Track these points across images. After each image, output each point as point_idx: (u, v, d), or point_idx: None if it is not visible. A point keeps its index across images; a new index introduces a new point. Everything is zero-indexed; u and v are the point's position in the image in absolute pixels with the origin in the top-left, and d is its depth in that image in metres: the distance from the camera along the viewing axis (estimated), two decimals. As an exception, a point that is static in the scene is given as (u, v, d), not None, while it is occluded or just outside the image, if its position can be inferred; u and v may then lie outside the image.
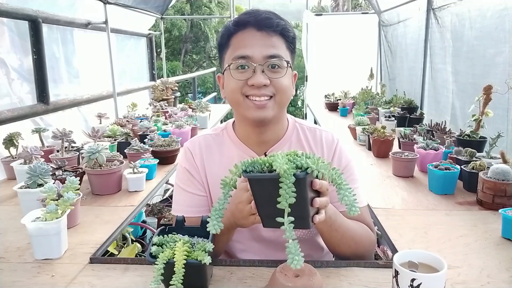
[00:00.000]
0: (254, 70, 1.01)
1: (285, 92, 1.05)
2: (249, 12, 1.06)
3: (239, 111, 1.08)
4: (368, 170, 2.01)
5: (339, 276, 0.99)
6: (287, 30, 1.05)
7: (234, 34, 1.05)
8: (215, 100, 6.92)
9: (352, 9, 17.06)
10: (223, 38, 1.07)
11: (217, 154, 1.16)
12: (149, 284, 0.80)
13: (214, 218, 0.80)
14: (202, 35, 15.31)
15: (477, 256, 1.10)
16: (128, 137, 2.31)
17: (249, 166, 0.81)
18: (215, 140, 1.18)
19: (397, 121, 2.87)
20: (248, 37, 1.03)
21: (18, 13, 2.35)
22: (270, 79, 1.02)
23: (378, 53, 5.16)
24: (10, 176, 1.89)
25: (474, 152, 1.75)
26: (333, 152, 1.15)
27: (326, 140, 1.16)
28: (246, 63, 1.01)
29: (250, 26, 1.03)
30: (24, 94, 2.51)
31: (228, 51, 1.06)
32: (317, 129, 1.19)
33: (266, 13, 1.04)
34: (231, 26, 1.05)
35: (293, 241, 0.73)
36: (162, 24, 5.41)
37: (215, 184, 1.14)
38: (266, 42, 1.02)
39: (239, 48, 1.03)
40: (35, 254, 1.11)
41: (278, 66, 1.03)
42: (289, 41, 1.06)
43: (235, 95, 1.04)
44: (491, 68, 2.33)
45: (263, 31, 1.02)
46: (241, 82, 1.02)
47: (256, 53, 1.01)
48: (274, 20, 1.03)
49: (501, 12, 2.22)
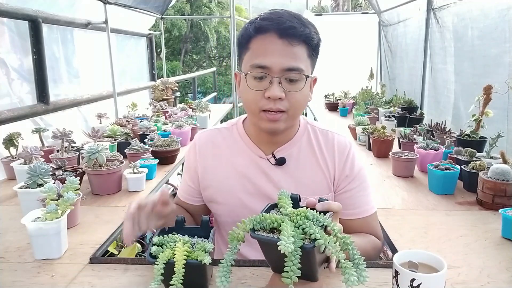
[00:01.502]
0: (271, 81, 0.98)
1: (299, 107, 1.04)
2: (272, 18, 0.99)
3: (252, 119, 1.08)
4: (368, 170, 2.01)
5: (339, 276, 0.99)
6: (311, 38, 1.00)
7: (253, 37, 1.01)
8: (215, 100, 6.92)
9: (352, 9, 17.06)
10: (243, 39, 1.04)
11: (224, 148, 1.16)
12: (149, 284, 0.80)
13: (222, 275, 0.79)
14: (202, 35, 15.30)
15: (477, 256, 1.10)
16: (128, 137, 2.31)
17: (257, 224, 0.81)
18: (225, 134, 1.18)
19: (397, 121, 2.87)
20: (268, 44, 0.98)
21: (18, 13, 2.35)
22: (286, 92, 0.99)
23: (378, 53, 5.16)
24: (10, 176, 1.89)
25: (474, 152, 1.75)
26: (345, 157, 1.13)
27: (338, 144, 1.14)
28: (264, 74, 0.99)
29: (271, 32, 0.98)
30: (24, 94, 2.51)
31: (247, 54, 1.03)
32: (329, 131, 1.17)
33: (290, 19, 0.98)
34: (251, 31, 1.01)
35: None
36: (162, 24, 5.41)
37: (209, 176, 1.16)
38: (287, 52, 0.98)
39: (258, 56, 0.99)
40: (35, 254, 1.11)
41: (297, 79, 1.00)
42: (312, 48, 1.02)
43: (252, 106, 1.03)
44: (492, 68, 2.33)
45: (284, 39, 0.98)
46: (258, 94, 1.00)
47: (275, 64, 0.97)
48: (298, 29, 0.97)
49: (502, 12, 2.22)
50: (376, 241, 1.13)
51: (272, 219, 0.81)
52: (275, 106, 0.99)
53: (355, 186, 1.13)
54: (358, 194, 1.13)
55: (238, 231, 0.82)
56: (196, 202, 1.23)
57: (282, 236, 0.74)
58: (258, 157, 1.13)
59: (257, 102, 1.01)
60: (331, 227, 0.80)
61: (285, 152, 1.13)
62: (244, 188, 1.13)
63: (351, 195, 1.13)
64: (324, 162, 1.13)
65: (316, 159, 1.13)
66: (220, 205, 1.17)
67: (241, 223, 0.82)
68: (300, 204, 0.91)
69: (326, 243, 0.76)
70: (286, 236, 0.73)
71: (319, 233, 0.76)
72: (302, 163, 1.13)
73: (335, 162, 1.13)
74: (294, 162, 1.12)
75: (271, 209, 0.90)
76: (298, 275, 0.73)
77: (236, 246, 0.82)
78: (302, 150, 1.13)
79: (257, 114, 1.03)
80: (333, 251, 0.75)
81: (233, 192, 1.14)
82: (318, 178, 1.13)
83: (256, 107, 1.01)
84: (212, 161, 1.16)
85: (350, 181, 1.13)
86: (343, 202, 0.97)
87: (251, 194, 1.13)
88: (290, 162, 1.12)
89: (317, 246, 0.76)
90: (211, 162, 1.16)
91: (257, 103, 1.01)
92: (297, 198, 0.91)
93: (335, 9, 19.18)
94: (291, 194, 0.91)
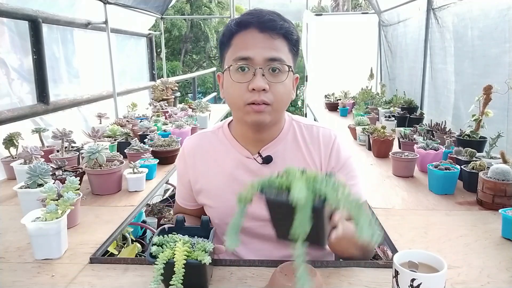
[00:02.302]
0: (254, 73, 0.99)
1: (283, 100, 1.04)
2: (252, 13, 1.04)
3: (237, 114, 1.08)
4: (368, 170, 2.01)
5: (339, 276, 0.99)
6: (290, 32, 1.03)
7: (235, 34, 1.03)
8: (215, 100, 6.92)
9: (352, 9, 17.06)
10: (224, 37, 1.06)
11: (211, 152, 1.17)
12: (149, 284, 0.80)
13: (231, 234, 0.77)
14: (202, 35, 15.31)
15: (477, 256, 1.10)
16: (128, 137, 2.31)
17: (266, 186, 0.79)
18: (211, 138, 1.19)
19: (397, 121, 2.87)
20: (249, 38, 1.01)
21: (18, 13, 2.35)
22: (270, 84, 1.00)
23: (378, 53, 5.16)
24: (10, 176, 1.89)
25: (474, 152, 1.75)
26: (330, 149, 1.13)
27: (323, 136, 1.14)
28: (247, 65, 1.00)
29: (252, 27, 1.01)
30: (24, 94, 2.51)
31: (229, 51, 1.04)
32: (314, 125, 1.17)
33: (270, 14, 1.02)
34: (233, 26, 1.03)
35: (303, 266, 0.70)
36: (162, 24, 5.41)
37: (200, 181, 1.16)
38: (268, 44, 1.00)
39: (241, 49, 1.01)
40: (35, 254, 1.11)
41: (279, 70, 1.01)
42: (292, 43, 1.04)
43: (236, 100, 1.03)
44: (492, 68, 2.33)
45: (265, 33, 1.00)
46: (242, 88, 1.00)
47: (257, 55, 0.99)
48: (277, 22, 1.00)
49: (502, 12, 2.22)
50: None
51: (281, 181, 0.79)
52: (259, 98, 0.99)
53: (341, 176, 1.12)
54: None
55: (247, 191, 0.79)
56: (194, 207, 1.25)
57: (293, 190, 0.71)
58: (245, 157, 1.13)
59: (241, 95, 1.01)
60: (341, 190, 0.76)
61: (271, 150, 1.12)
62: (234, 190, 1.12)
63: None
64: (310, 157, 1.13)
65: (302, 155, 1.13)
66: (213, 208, 1.17)
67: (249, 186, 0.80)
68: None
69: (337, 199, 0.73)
70: (298, 189, 0.71)
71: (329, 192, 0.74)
72: (289, 160, 1.12)
73: (321, 156, 1.13)
74: (281, 160, 1.12)
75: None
76: (308, 230, 0.70)
77: (244, 206, 0.80)
78: (288, 147, 1.13)
79: (242, 108, 1.02)
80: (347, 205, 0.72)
81: (223, 195, 1.13)
82: None
83: (241, 101, 1.01)
84: (201, 166, 1.16)
85: (336, 171, 1.12)
86: None
87: None
88: (277, 160, 1.12)
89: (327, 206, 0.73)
90: (200, 167, 1.16)
91: (242, 96, 1.01)
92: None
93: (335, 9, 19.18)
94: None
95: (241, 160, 1.13)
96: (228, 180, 1.13)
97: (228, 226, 0.79)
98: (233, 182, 1.13)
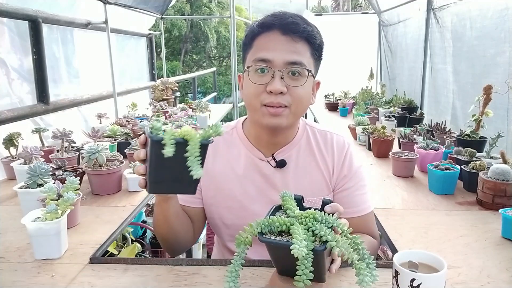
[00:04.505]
0: (273, 76, 0.99)
1: (301, 103, 1.03)
2: (275, 15, 1.03)
3: (254, 116, 1.07)
4: (368, 170, 2.01)
5: (339, 276, 0.99)
6: (313, 36, 1.02)
7: (258, 35, 1.02)
8: (215, 100, 6.93)
9: (352, 9, 17.06)
10: (247, 38, 1.06)
11: (224, 152, 1.16)
12: (148, 284, 0.79)
13: (230, 280, 0.77)
14: (202, 35, 15.31)
15: (477, 256, 1.10)
16: (128, 137, 2.31)
17: (265, 228, 0.80)
18: (224, 138, 1.17)
19: (397, 121, 2.87)
20: (271, 40, 1.00)
21: (18, 13, 2.35)
22: (288, 87, 0.99)
23: (378, 53, 5.16)
24: (10, 176, 1.88)
25: (474, 152, 1.75)
26: (343, 156, 1.14)
27: (337, 143, 1.15)
28: (266, 67, 0.99)
29: (274, 29, 1.00)
30: (24, 94, 2.51)
31: (250, 52, 1.04)
32: (328, 132, 1.18)
33: (293, 17, 1.01)
34: (255, 27, 1.03)
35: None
36: (162, 24, 5.41)
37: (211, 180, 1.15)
38: (290, 47, 0.99)
39: (261, 50, 1.01)
40: (35, 254, 1.11)
41: (299, 73, 1.00)
42: (314, 48, 1.03)
43: (252, 100, 1.02)
44: (492, 68, 2.33)
45: (287, 36, 0.99)
46: (260, 89, 1.00)
47: (277, 57, 0.98)
48: (300, 25, 1.00)
49: (501, 12, 2.22)
50: (373, 240, 1.14)
51: (280, 222, 0.80)
52: (276, 100, 0.99)
53: (352, 185, 1.14)
54: (355, 193, 1.14)
55: (245, 235, 0.80)
56: (196, 205, 1.19)
57: (294, 240, 0.73)
58: (258, 159, 1.13)
59: (258, 96, 1.01)
60: (340, 227, 0.79)
61: (285, 154, 1.12)
62: (245, 191, 1.13)
63: (348, 194, 1.14)
64: (323, 163, 1.14)
65: (315, 161, 1.13)
66: (221, 208, 1.16)
67: (247, 227, 0.81)
68: (304, 205, 0.91)
69: (338, 245, 0.75)
70: (299, 239, 0.72)
71: (329, 235, 0.76)
72: (301, 165, 1.13)
73: (334, 162, 1.14)
74: (294, 164, 1.12)
75: (276, 211, 0.89)
76: (311, 278, 0.73)
77: (243, 250, 0.80)
78: (301, 152, 1.13)
79: (258, 109, 1.02)
80: (346, 252, 0.75)
81: (233, 195, 1.13)
82: (317, 179, 1.13)
83: (257, 101, 1.01)
84: (211, 164, 1.15)
85: (347, 180, 1.14)
86: (340, 201, 0.97)
87: (251, 197, 1.13)
88: (290, 164, 1.12)
89: (328, 248, 0.75)
90: (211, 166, 1.15)
91: (258, 97, 1.01)
92: (300, 199, 0.91)
93: (335, 9, 19.18)
94: (294, 195, 0.90)
95: (254, 162, 1.13)
96: (240, 181, 1.13)
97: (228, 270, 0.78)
98: (244, 183, 1.12)
